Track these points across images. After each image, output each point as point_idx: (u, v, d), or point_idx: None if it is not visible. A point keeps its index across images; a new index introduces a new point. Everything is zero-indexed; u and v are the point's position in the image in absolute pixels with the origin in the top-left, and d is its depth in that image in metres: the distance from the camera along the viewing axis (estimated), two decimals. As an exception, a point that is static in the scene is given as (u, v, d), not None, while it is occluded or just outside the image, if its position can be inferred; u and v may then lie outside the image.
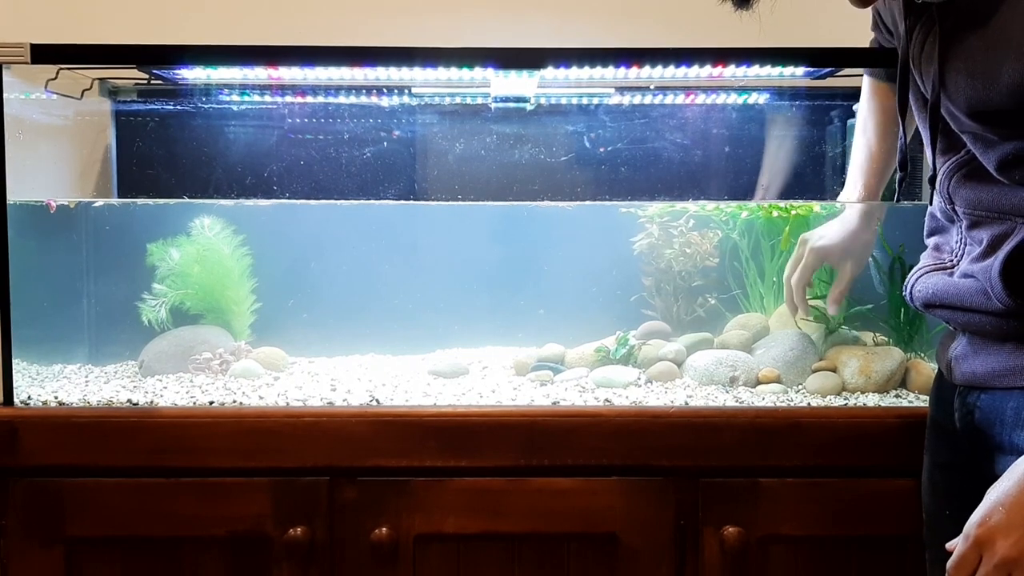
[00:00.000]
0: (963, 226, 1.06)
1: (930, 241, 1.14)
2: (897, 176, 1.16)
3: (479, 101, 1.64)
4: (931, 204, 1.13)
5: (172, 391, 1.41)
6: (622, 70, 1.38)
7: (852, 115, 1.65)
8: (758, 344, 1.53)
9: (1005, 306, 0.99)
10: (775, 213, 1.58)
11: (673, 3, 1.75)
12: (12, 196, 1.31)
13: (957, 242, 1.07)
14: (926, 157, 1.10)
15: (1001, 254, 0.99)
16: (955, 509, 1.06)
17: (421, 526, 1.28)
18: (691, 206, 1.62)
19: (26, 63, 1.28)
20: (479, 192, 1.65)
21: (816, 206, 1.57)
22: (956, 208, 1.06)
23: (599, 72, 1.39)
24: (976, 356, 1.06)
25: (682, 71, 1.40)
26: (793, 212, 1.56)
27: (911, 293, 1.13)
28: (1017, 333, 1.00)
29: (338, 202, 1.67)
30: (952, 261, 1.08)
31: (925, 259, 1.13)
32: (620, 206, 1.65)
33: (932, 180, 1.09)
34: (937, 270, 1.10)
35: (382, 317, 1.69)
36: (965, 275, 1.04)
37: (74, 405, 1.34)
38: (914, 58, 1.06)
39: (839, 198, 1.44)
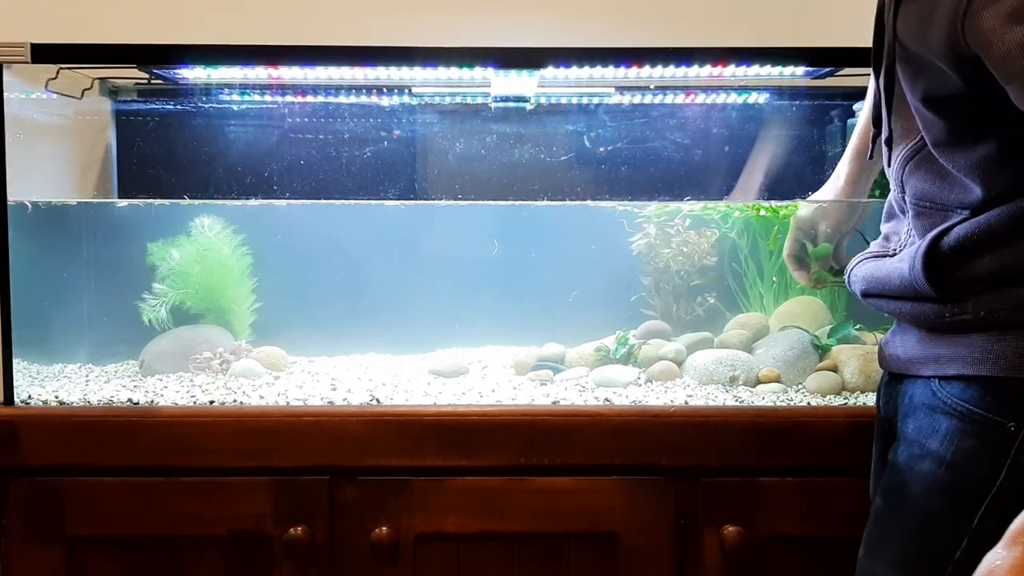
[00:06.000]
0: (910, 216, 1.04)
1: (883, 229, 1.12)
2: (871, 133, 1.12)
3: (479, 101, 1.64)
4: (889, 195, 1.11)
5: (172, 390, 1.41)
6: (622, 70, 1.38)
7: (852, 115, 1.65)
8: (758, 344, 1.53)
9: (919, 289, 0.97)
10: (762, 212, 1.58)
11: (673, 3, 1.75)
12: (12, 196, 1.31)
13: (906, 233, 1.05)
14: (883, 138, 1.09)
15: (928, 237, 0.97)
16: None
17: (421, 525, 1.28)
18: (692, 205, 1.62)
19: (26, 62, 1.28)
20: (479, 192, 1.65)
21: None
22: (905, 198, 1.04)
23: (599, 72, 1.40)
24: (899, 342, 1.05)
25: (682, 71, 1.40)
26: (781, 212, 1.56)
27: (850, 278, 1.12)
28: (927, 322, 0.99)
29: (338, 202, 1.67)
30: (896, 250, 1.06)
31: (872, 247, 1.12)
32: (620, 206, 1.65)
33: (887, 154, 1.08)
34: (877, 257, 1.08)
35: (382, 316, 1.69)
36: (899, 261, 1.03)
37: (75, 404, 1.34)
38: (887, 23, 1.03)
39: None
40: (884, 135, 1.07)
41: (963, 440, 0.93)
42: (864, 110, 1.36)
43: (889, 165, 1.08)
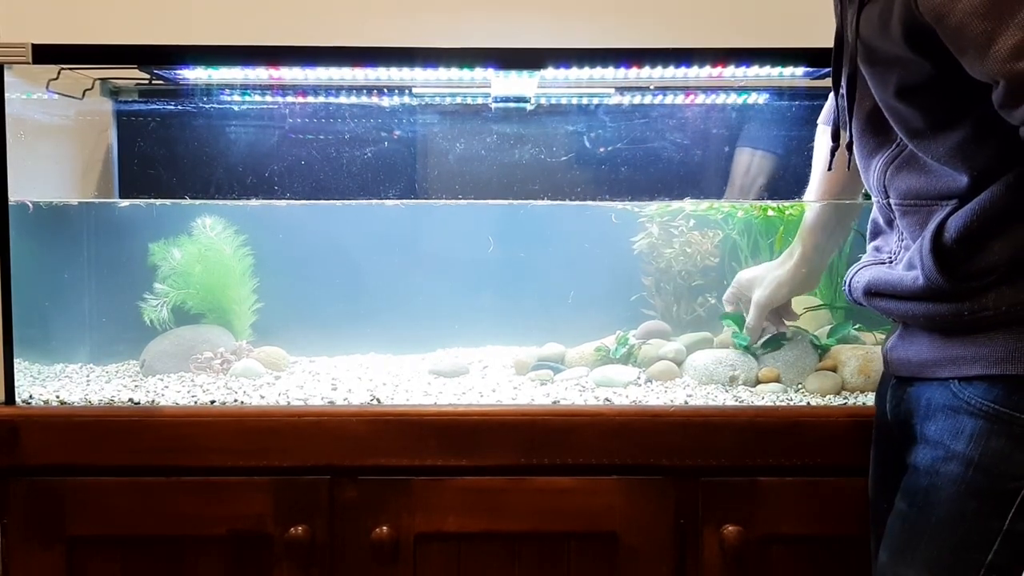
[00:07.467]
0: (898, 220, 1.05)
1: (871, 245, 1.14)
2: (829, 146, 1.13)
3: (479, 101, 1.64)
4: (873, 210, 1.13)
5: (173, 390, 1.41)
6: (622, 70, 1.39)
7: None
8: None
9: (932, 282, 0.97)
10: (770, 212, 1.58)
11: (673, 3, 1.75)
12: (13, 196, 1.31)
13: (896, 242, 1.07)
14: (843, 142, 1.10)
15: (928, 235, 0.97)
16: (889, 501, 1.06)
17: (421, 525, 1.29)
18: (691, 205, 1.62)
19: (27, 63, 1.29)
20: (479, 192, 1.66)
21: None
22: (891, 202, 1.05)
23: (599, 72, 1.40)
24: (908, 346, 1.05)
25: (682, 71, 1.41)
26: (787, 212, 1.56)
27: (850, 285, 1.12)
28: (942, 323, 0.99)
29: (339, 202, 1.67)
30: (890, 258, 1.07)
31: (864, 258, 1.14)
32: (620, 206, 1.65)
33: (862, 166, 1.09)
34: (875, 264, 1.09)
35: (382, 316, 1.69)
36: (905, 266, 1.04)
37: (76, 404, 1.34)
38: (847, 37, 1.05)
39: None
40: (845, 141, 1.08)
41: (991, 441, 0.93)
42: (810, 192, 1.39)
43: (867, 178, 1.09)
